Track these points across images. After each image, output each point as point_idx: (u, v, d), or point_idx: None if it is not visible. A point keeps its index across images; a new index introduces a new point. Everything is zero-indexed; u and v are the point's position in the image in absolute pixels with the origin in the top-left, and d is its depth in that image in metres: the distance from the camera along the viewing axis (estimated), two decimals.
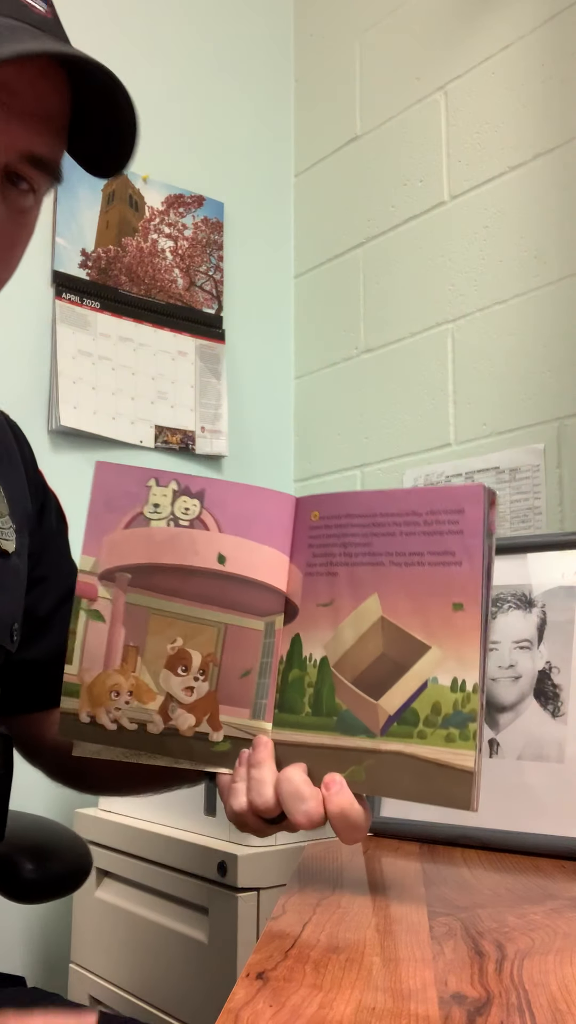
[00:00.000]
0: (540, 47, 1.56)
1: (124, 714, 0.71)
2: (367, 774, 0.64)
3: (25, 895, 0.95)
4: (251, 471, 1.93)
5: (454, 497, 0.64)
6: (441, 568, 0.63)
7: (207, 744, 0.69)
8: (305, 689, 0.67)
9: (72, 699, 0.72)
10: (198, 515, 0.70)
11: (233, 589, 0.69)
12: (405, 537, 0.65)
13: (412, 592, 0.64)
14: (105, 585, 0.72)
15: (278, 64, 2.08)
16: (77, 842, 1.02)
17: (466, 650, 0.61)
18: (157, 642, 0.70)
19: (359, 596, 0.66)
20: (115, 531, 0.72)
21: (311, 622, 0.68)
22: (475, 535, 0.62)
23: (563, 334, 1.50)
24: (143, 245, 1.81)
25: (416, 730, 0.62)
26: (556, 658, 0.89)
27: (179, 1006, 1.22)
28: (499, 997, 0.44)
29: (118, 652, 0.71)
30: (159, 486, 0.72)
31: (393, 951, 0.52)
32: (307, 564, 0.69)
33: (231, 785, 0.67)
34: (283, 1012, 0.42)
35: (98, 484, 0.73)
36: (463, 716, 0.61)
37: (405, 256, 1.79)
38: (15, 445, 0.88)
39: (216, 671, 0.69)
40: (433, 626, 0.63)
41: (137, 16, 1.86)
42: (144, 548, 0.71)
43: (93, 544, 0.72)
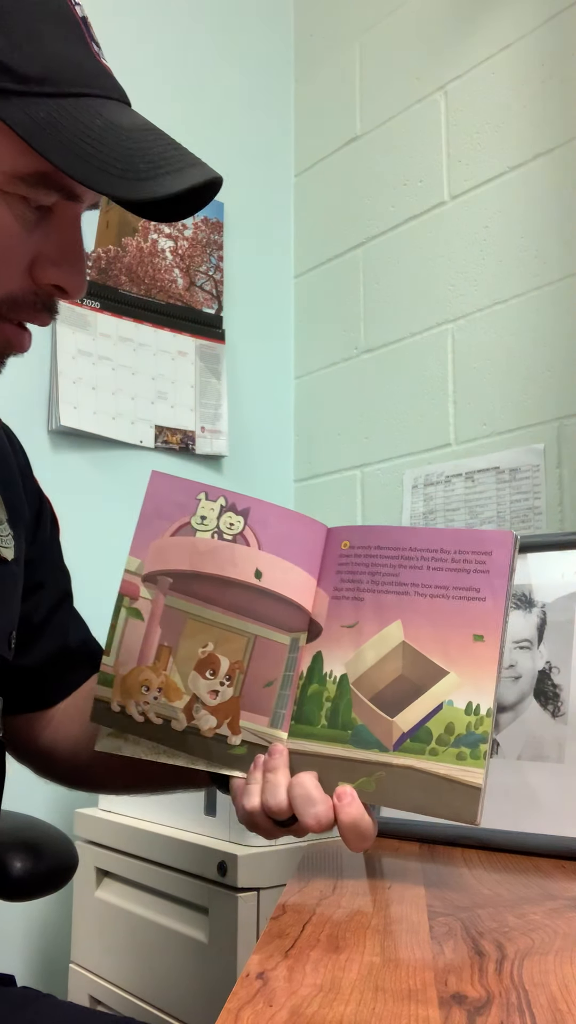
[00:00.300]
0: (540, 47, 1.56)
1: (152, 708, 0.75)
2: (377, 785, 0.67)
3: (14, 892, 0.96)
4: (251, 471, 1.93)
5: (483, 540, 0.69)
6: (464, 602, 0.68)
7: (225, 746, 0.73)
8: (323, 703, 0.71)
9: (106, 688, 0.76)
10: (241, 531, 0.75)
11: (265, 603, 0.74)
12: (432, 571, 0.70)
13: (435, 621, 0.69)
14: (147, 586, 0.76)
15: (278, 64, 2.09)
16: (63, 839, 1.03)
17: (483, 677, 0.66)
18: (190, 645, 0.75)
19: (383, 621, 0.71)
20: (162, 537, 0.77)
21: (334, 641, 0.72)
22: (501, 576, 0.68)
23: (563, 334, 1.50)
24: (143, 245, 1.81)
25: (428, 747, 0.67)
26: (556, 658, 0.88)
27: (179, 1006, 1.22)
28: (499, 997, 0.44)
29: (152, 650, 0.75)
30: (208, 500, 0.76)
31: (393, 951, 0.52)
32: (334, 588, 0.73)
33: (245, 787, 0.70)
34: (283, 1012, 0.42)
35: (151, 492, 0.78)
36: (475, 737, 0.65)
37: (405, 256, 1.79)
38: (11, 452, 0.88)
39: (241, 678, 0.73)
40: (452, 654, 0.68)
41: (137, 16, 1.86)
42: (188, 556, 0.75)
43: (141, 547, 0.77)
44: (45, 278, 0.65)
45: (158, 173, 0.60)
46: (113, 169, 0.59)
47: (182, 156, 0.62)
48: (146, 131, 0.62)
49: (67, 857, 1.01)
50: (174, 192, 0.60)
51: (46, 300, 0.66)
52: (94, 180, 0.58)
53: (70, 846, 1.02)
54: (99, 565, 1.32)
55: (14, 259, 0.63)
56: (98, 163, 0.59)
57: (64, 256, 0.65)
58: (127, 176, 0.59)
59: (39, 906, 1.55)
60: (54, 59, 0.60)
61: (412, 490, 1.71)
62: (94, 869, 1.43)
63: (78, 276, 0.66)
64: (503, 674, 0.91)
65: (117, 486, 1.72)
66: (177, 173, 0.61)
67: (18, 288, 0.64)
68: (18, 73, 0.58)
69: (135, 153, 0.60)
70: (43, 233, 0.64)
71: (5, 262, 0.63)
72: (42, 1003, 0.73)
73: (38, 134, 0.58)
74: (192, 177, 0.61)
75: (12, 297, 0.64)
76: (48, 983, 1.55)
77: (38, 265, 0.65)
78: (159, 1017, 1.25)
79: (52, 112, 0.59)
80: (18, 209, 0.62)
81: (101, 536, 1.59)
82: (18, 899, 0.98)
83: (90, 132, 0.59)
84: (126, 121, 0.62)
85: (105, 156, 0.59)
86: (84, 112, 0.60)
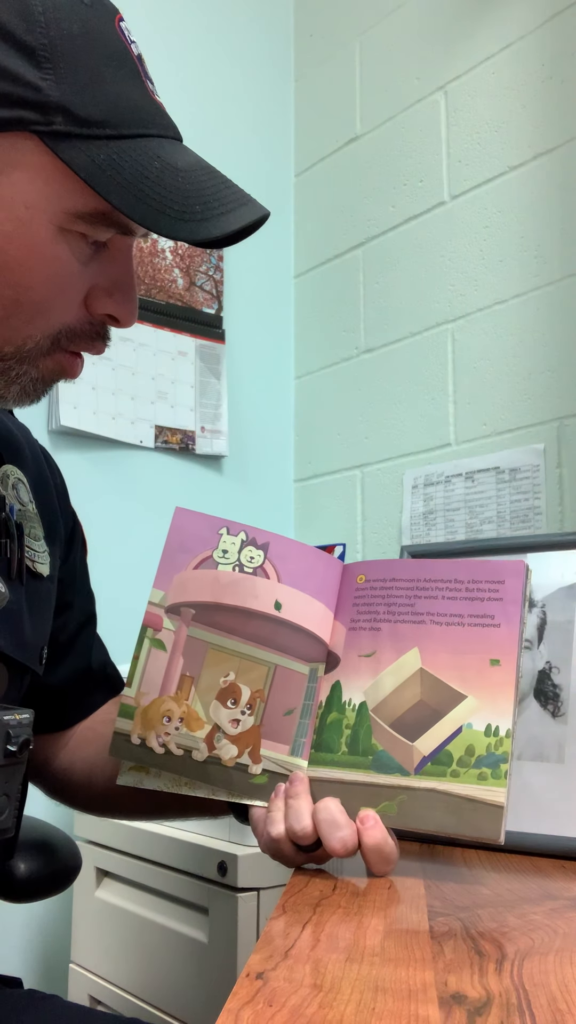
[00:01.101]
0: (540, 47, 1.56)
1: (172, 739, 0.76)
2: (399, 808, 0.69)
3: (18, 894, 0.96)
4: (251, 471, 1.93)
5: (496, 570, 0.72)
6: (480, 628, 0.71)
7: (246, 776, 0.74)
8: (343, 730, 0.73)
9: (127, 720, 0.77)
10: (261, 564, 0.78)
11: (285, 634, 0.76)
12: (447, 600, 0.73)
13: (451, 648, 0.71)
14: (170, 617, 0.78)
15: (278, 64, 2.09)
16: (67, 840, 1.03)
17: (501, 700, 0.68)
18: (211, 675, 0.76)
19: (400, 649, 0.73)
20: (185, 570, 0.78)
21: (352, 670, 0.74)
22: (514, 603, 0.70)
23: (563, 334, 1.50)
24: (143, 245, 1.81)
25: (449, 769, 0.68)
26: (556, 658, 0.88)
27: (179, 1006, 1.22)
28: (499, 997, 0.44)
29: (175, 680, 0.77)
30: (229, 535, 0.79)
31: (393, 951, 0.52)
32: (351, 620, 0.76)
33: (267, 815, 0.71)
34: (283, 1012, 0.42)
35: (175, 527, 0.80)
36: (496, 757, 0.67)
37: (405, 256, 1.79)
38: (48, 473, 0.90)
39: (262, 707, 0.75)
40: (470, 678, 0.70)
41: (136, 15, 1.85)
42: (210, 588, 0.77)
43: (164, 580, 0.79)
44: (100, 309, 0.67)
45: (212, 214, 0.63)
46: (171, 211, 0.62)
47: (234, 195, 0.66)
48: (199, 171, 0.65)
49: (71, 858, 1.01)
50: (226, 234, 0.63)
51: (100, 329, 0.69)
52: (152, 221, 0.61)
53: (74, 847, 1.02)
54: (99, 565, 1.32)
55: (71, 292, 0.66)
56: (157, 205, 0.61)
57: (117, 287, 0.67)
58: (184, 218, 0.62)
59: (39, 906, 1.55)
60: (114, 102, 0.62)
61: (412, 490, 1.71)
62: (94, 869, 1.43)
63: (130, 305, 0.68)
64: None
65: (117, 486, 1.72)
66: (229, 214, 0.64)
67: (74, 320, 0.67)
68: (80, 116, 0.60)
69: (191, 194, 0.63)
70: (98, 266, 0.67)
71: (63, 296, 0.65)
72: (48, 1004, 0.73)
73: (99, 176, 0.60)
74: (242, 218, 0.65)
75: (70, 328, 0.66)
76: (48, 983, 1.55)
77: (93, 297, 0.67)
78: (159, 1017, 1.25)
79: (112, 154, 0.61)
80: (76, 245, 0.64)
81: (101, 536, 1.59)
82: (22, 900, 0.98)
83: (148, 174, 0.62)
84: (181, 161, 0.65)
85: (163, 198, 0.62)
86: (142, 154, 0.62)
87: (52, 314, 0.65)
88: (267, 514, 1.95)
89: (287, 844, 0.69)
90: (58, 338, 0.66)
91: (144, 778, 0.77)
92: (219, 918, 1.16)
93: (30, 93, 0.59)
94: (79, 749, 0.90)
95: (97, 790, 0.88)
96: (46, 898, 1.01)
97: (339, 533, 1.86)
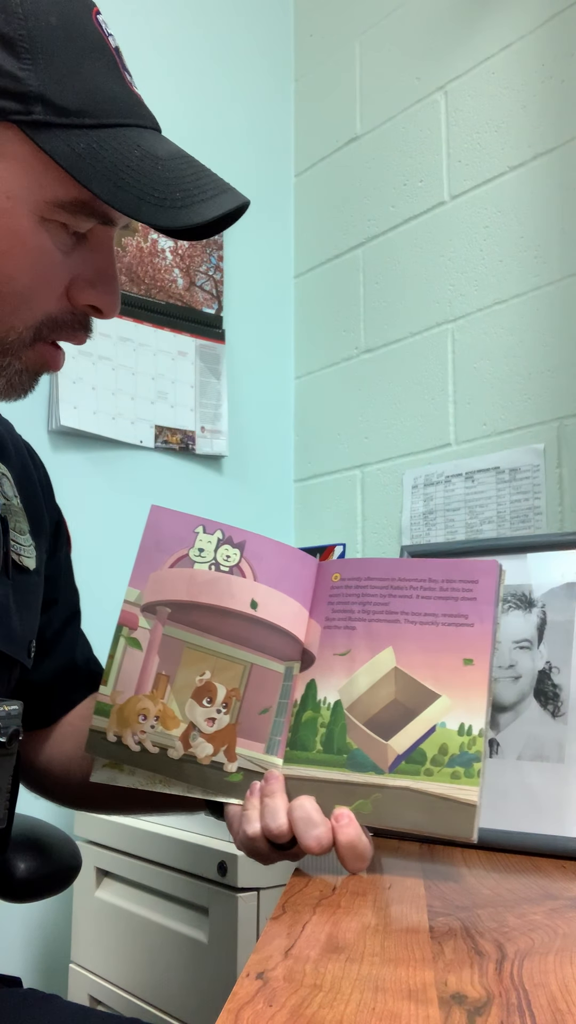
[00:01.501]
0: (540, 47, 1.56)
1: (148, 737, 0.75)
2: (374, 807, 0.69)
3: (18, 894, 0.96)
4: (251, 471, 1.93)
5: (470, 569, 0.72)
6: (454, 628, 0.71)
7: (221, 774, 0.74)
8: (318, 729, 0.73)
9: (102, 718, 0.77)
10: (237, 563, 0.77)
11: (261, 633, 0.76)
12: (421, 600, 0.73)
13: (425, 647, 0.72)
14: (146, 616, 0.78)
15: (278, 64, 2.09)
16: (67, 840, 1.03)
17: (474, 699, 0.69)
18: (187, 673, 0.76)
19: (375, 648, 0.73)
20: (161, 569, 0.78)
21: (327, 669, 0.74)
22: (488, 602, 0.71)
23: (563, 334, 1.50)
24: (143, 245, 1.81)
25: (423, 768, 0.68)
26: (556, 658, 0.88)
27: (179, 1006, 1.22)
28: (499, 997, 0.44)
29: (150, 679, 0.77)
30: (206, 533, 0.79)
31: (393, 951, 0.52)
32: (326, 618, 0.76)
33: (243, 813, 0.71)
34: (283, 1012, 0.42)
35: (151, 525, 0.80)
36: (469, 756, 0.67)
37: (405, 256, 1.79)
38: (32, 467, 0.90)
39: (238, 705, 0.75)
40: (444, 678, 0.70)
41: (136, 15, 1.86)
42: (186, 587, 0.77)
43: (140, 578, 0.79)
44: (82, 299, 0.68)
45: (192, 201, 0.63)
46: (151, 198, 0.62)
47: (214, 183, 0.66)
48: (179, 159, 0.65)
49: (71, 858, 1.01)
50: (207, 220, 0.63)
51: (82, 319, 0.69)
52: (133, 209, 0.61)
53: (74, 847, 1.02)
54: (99, 565, 1.32)
55: (54, 282, 0.66)
56: (137, 192, 0.62)
57: (99, 277, 0.68)
58: (164, 205, 0.62)
59: (39, 906, 1.55)
60: (93, 92, 0.62)
61: (412, 490, 1.71)
62: (94, 869, 1.43)
63: (113, 296, 0.68)
64: (503, 674, 0.91)
65: (117, 486, 1.72)
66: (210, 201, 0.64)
67: (56, 309, 0.67)
68: (59, 106, 0.61)
69: (171, 182, 0.63)
70: (79, 256, 0.67)
71: (45, 285, 0.65)
72: (48, 1004, 0.73)
73: (79, 164, 0.61)
74: (223, 204, 0.65)
75: (52, 318, 0.67)
76: (48, 983, 1.55)
77: (75, 287, 0.67)
78: (159, 1017, 1.25)
79: (92, 143, 0.62)
80: (58, 235, 0.65)
81: (101, 536, 1.59)
82: (22, 900, 0.98)
83: (128, 162, 0.62)
84: (161, 150, 0.65)
85: (143, 186, 0.62)
86: (122, 143, 0.63)
87: (35, 304, 0.65)
88: (267, 514, 1.95)
89: (262, 842, 0.70)
90: (40, 328, 0.67)
91: (118, 775, 0.77)
92: (219, 918, 1.16)
93: (10, 83, 0.60)
94: (57, 744, 0.91)
95: (74, 785, 0.88)
96: (46, 898, 1.01)
97: (339, 533, 1.86)
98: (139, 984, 1.31)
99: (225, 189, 0.66)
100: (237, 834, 0.72)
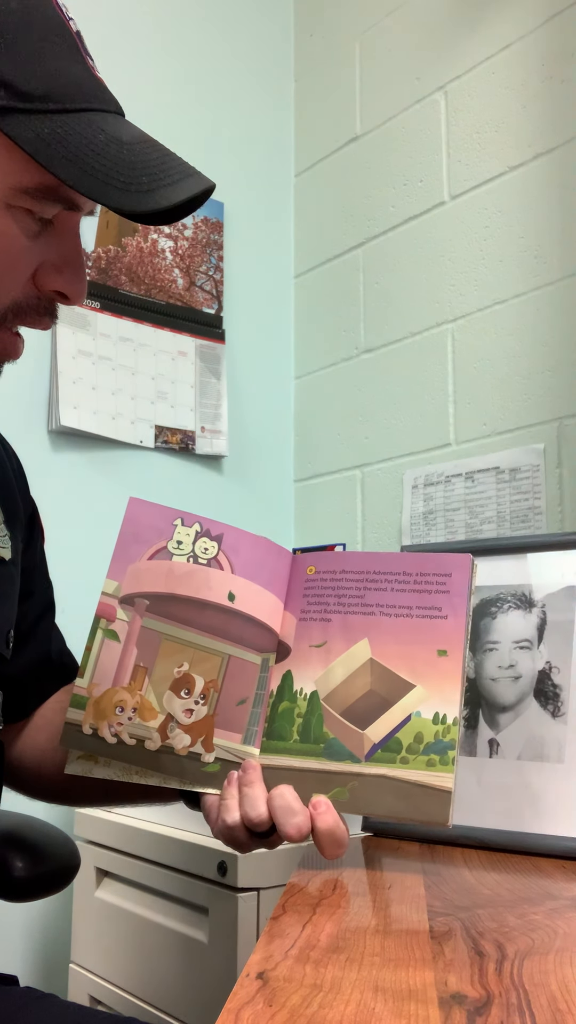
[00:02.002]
0: (540, 47, 1.56)
1: (125, 729, 0.75)
2: (351, 794, 0.70)
3: (16, 893, 0.96)
4: (251, 471, 1.93)
5: (443, 563, 0.74)
6: (428, 620, 0.73)
7: (199, 764, 0.74)
8: (294, 719, 0.74)
9: (78, 711, 0.77)
10: (215, 556, 0.78)
11: (238, 625, 0.76)
12: (396, 593, 0.75)
13: (400, 639, 0.73)
14: (124, 608, 0.78)
15: (278, 64, 2.09)
16: (66, 840, 1.03)
17: (448, 689, 0.70)
18: (165, 665, 0.76)
19: (351, 639, 0.74)
20: (139, 561, 0.78)
21: (303, 660, 0.76)
22: (461, 595, 0.73)
23: (563, 334, 1.50)
24: (143, 245, 1.81)
25: (399, 756, 0.70)
26: (556, 658, 0.88)
27: (179, 1006, 1.22)
28: (499, 997, 0.44)
29: (128, 671, 0.77)
30: (184, 526, 0.79)
31: (393, 951, 0.52)
32: (301, 611, 0.77)
33: (221, 802, 0.72)
34: (283, 1012, 0.42)
35: (129, 517, 0.80)
36: (443, 744, 0.69)
37: (405, 256, 1.79)
38: (5, 457, 0.90)
39: (216, 697, 0.75)
40: (418, 668, 0.72)
41: (136, 15, 1.85)
42: (164, 579, 0.78)
43: (118, 570, 0.79)
44: (48, 285, 0.68)
45: (158, 185, 0.63)
46: (116, 182, 0.62)
47: (179, 167, 0.65)
48: (144, 143, 0.65)
49: (69, 858, 1.01)
50: (173, 204, 0.63)
51: (48, 305, 0.69)
52: (98, 193, 0.61)
53: (72, 847, 1.02)
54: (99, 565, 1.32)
55: (19, 269, 0.66)
56: (102, 176, 0.61)
57: (66, 263, 0.68)
58: (130, 189, 0.62)
59: (39, 906, 1.55)
60: (55, 76, 0.62)
61: (412, 490, 1.71)
62: (94, 869, 1.43)
63: (79, 282, 0.68)
64: (503, 674, 0.91)
65: (117, 486, 1.72)
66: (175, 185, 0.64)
67: (22, 296, 0.67)
68: (22, 91, 0.61)
69: (136, 166, 0.63)
70: (45, 242, 0.67)
71: (10, 272, 0.65)
72: (45, 1003, 0.73)
73: (43, 149, 0.61)
74: (189, 188, 0.64)
75: (17, 304, 0.67)
76: (48, 983, 1.55)
77: (41, 273, 0.67)
78: (159, 1017, 1.25)
79: (56, 128, 0.61)
80: (23, 221, 0.65)
81: (101, 536, 1.59)
82: (20, 900, 0.98)
83: (93, 146, 0.62)
84: (125, 135, 0.64)
85: (108, 170, 0.62)
86: (86, 127, 0.62)
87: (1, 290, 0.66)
88: (267, 514, 1.95)
89: (241, 830, 0.70)
90: (5, 315, 0.67)
91: (93, 767, 0.77)
92: (219, 918, 1.16)
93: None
94: (29, 737, 0.90)
95: (47, 778, 0.88)
96: (45, 897, 1.01)
97: (339, 533, 1.86)
98: (139, 984, 1.31)
99: (191, 173, 0.66)
100: (215, 823, 0.73)
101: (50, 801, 0.95)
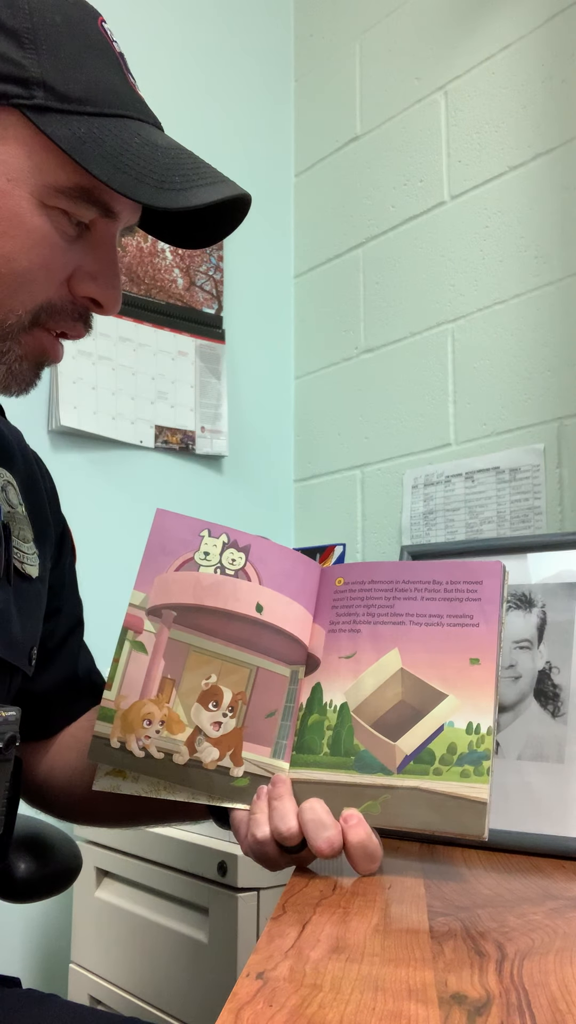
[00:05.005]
0: (540, 47, 1.56)
1: (153, 743, 0.75)
2: (382, 808, 0.69)
3: (18, 894, 0.96)
4: (251, 471, 1.93)
5: (474, 570, 0.73)
6: (459, 628, 0.72)
7: (227, 779, 0.73)
8: (324, 731, 0.73)
9: (106, 724, 0.76)
10: (243, 567, 0.77)
11: (266, 636, 0.75)
12: (426, 601, 0.73)
13: (431, 648, 0.72)
14: (151, 620, 0.77)
15: (278, 64, 2.08)
16: (68, 841, 1.03)
17: (481, 698, 0.69)
18: (193, 677, 0.75)
19: (381, 650, 0.73)
20: (167, 572, 0.78)
21: (333, 672, 0.74)
22: (492, 602, 0.71)
23: (563, 334, 1.50)
24: (143, 245, 1.81)
25: (432, 767, 0.68)
26: (556, 658, 0.88)
27: (179, 1006, 1.22)
28: (499, 997, 0.44)
29: (156, 683, 0.76)
30: (211, 537, 0.78)
31: (393, 951, 0.52)
32: (330, 622, 0.76)
33: (251, 817, 0.70)
34: (283, 1012, 0.42)
35: (156, 529, 0.79)
36: (478, 754, 0.67)
37: (405, 256, 1.79)
38: (39, 477, 0.90)
39: (244, 709, 0.74)
40: (450, 677, 0.70)
41: (136, 15, 1.86)
42: (192, 590, 0.77)
43: (145, 582, 0.78)
44: (82, 291, 0.68)
45: (191, 185, 0.64)
46: (150, 180, 0.63)
47: (213, 173, 0.67)
48: (179, 150, 0.66)
49: (72, 859, 1.01)
50: (207, 203, 0.64)
51: (82, 312, 0.69)
52: (132, 190, 0.62)
53: (74, 848, 1.02)
54: (99, 565, 1.32)
55: (54, 269, 0.66)
56: (136, 175, 0.63)
57: (101, 271, 0.68)
58: (163, 187, 0.63)
59: (39, 906, 1.55)
60: (95, 83, 0.64)
61: (412, 490, 1.71)
62: (94, 869, 1.43)
63: (113, 290, 0.69)
64: (503, 674, 0.91)
65: (117, 486, 1.72)
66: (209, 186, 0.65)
67: (56, 297, 0.67)
68: (61, 93, 0.62)
69: (171, 167, 0.64)
70: (82, 248, 0.68)
71: (46, 270, 0.66)
72: (47, 1004, 0.73)
73: (79, 148, 0.62)
74: (222, 191, 0.66)
75: (51, 304, 0.67)
76: (48, 983, 1.55)
77: (76, 278, 0.68)
78: (159, 1017, 1.25)
79: (92, 129, 0.63)
80: (58, 222, 0.65)
81: (101, 536, 1.60)
82: (22, 900, 0.98)
83: (128, 148, 0.63)
84: (161, 141, 0.66)
85: (142, 169, 0.63)
86: (122, 131, 0.64)
87: (35, 288, 0.66)
88: (267, 514, 1.95)
89: (272, 846, 0.69)
90: (39, 314, 0.67)
91: (121, 783, 0.76)
92: (219, 918, 1.16)
93: (13, 69, 0.62)
94: (59, 756, 0.90)
95: (76, 797, 0.87)
96: (46, 898, 1.01)
97: (339, 533, 1.86)
98: (139, 984, 1.31)
99: (224, 179, 0.67)
100: (245, 839, 0.71)
101: (77, 822, 0.95)
